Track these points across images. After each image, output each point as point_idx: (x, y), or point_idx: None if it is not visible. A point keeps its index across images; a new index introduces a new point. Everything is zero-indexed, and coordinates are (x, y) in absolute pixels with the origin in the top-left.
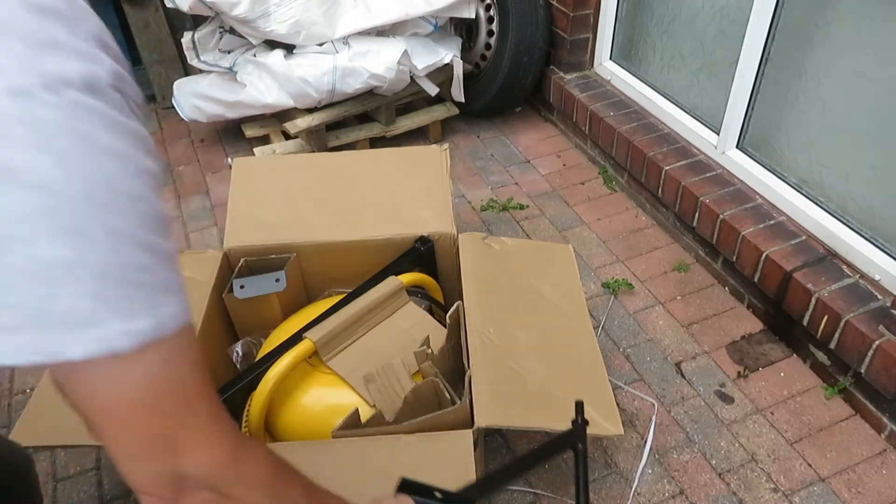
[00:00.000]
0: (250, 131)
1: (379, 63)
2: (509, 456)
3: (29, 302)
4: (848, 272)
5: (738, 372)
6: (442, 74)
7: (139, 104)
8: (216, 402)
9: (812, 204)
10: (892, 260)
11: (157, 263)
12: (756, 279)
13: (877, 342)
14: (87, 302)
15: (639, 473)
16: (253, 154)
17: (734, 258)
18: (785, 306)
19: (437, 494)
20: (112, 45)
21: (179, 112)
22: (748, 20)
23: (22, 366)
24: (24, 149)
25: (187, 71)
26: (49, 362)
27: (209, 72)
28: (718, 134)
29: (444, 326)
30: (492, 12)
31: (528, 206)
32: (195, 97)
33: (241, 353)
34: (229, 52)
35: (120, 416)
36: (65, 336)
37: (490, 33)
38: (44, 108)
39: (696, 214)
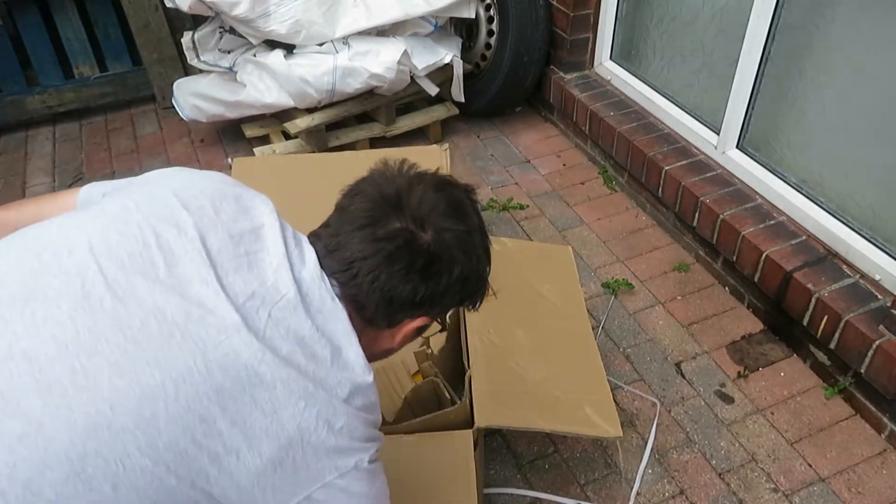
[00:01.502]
0: (250, 131)
1: (379, 63)
2: (509, 455)
3: None
4: (848, 272)
5: (739, 372)
6: (442, 74)
7: None
8: None
9: (812, 204)
10: (892, 260)
11: None
12: (756, 279)
13: (877, 342)
14: None
15: (640, 473)
16: (253, 154)
17: (734, 258)
18: (785, 306)
19: None
20: None
21: (179, 112)
22: (748, 20)
23: None
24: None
25: (187, 71)
26: None
27: (209, 72)
28: (718, 134)
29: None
30: (492, 12)
31: (528, 206)
32: (195, 97)
33: None
34: (229, 52)
35: None
36: None
37: (490, 33)
38: (378, 461)
39: (696, 214)
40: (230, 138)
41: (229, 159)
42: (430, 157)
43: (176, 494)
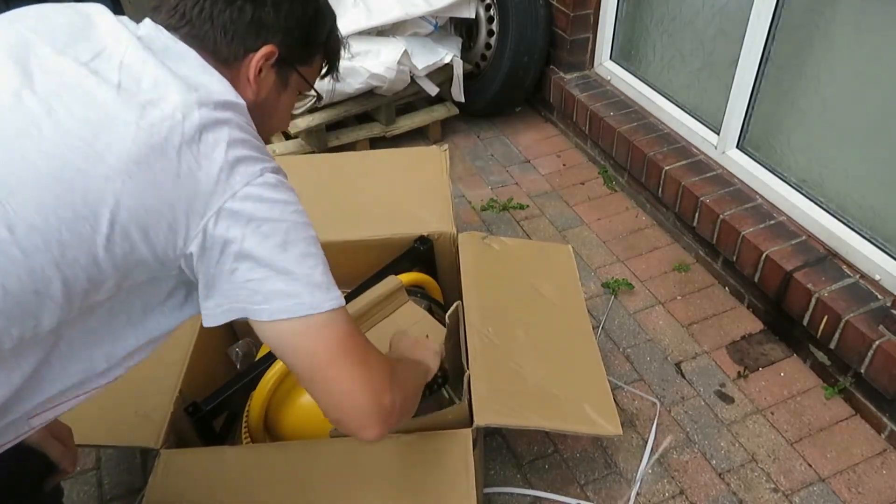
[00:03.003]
0: None
1: (379, 63)
2: (509, 455)
3: (302, 276)
4: (848, 272)
5: (738, 372)
6: (442, 74)
7: None
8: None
9: (812, 204)
10: (892, 260)
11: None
12: (756, 279)
13: (877, 342)
14: (325, 277)
15: (640, 474)
16: None
17: (734, 258)
18: (785, 306)
19: None
20: None
21: None
22: (748, 20)
23: (277, 319)
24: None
25: None
26: (303, 315)
27: None
28: (718, 134)
29: (444, 326)
30: (492, 12)
31: (528, 206)
32: None
33: (240, 353)
34: None
35: (333, 355)
36: (322, 297)
37: (490, 33)
38: (285, 177)
39: (696, 214)
40: None
41: None
42: (430, 157)
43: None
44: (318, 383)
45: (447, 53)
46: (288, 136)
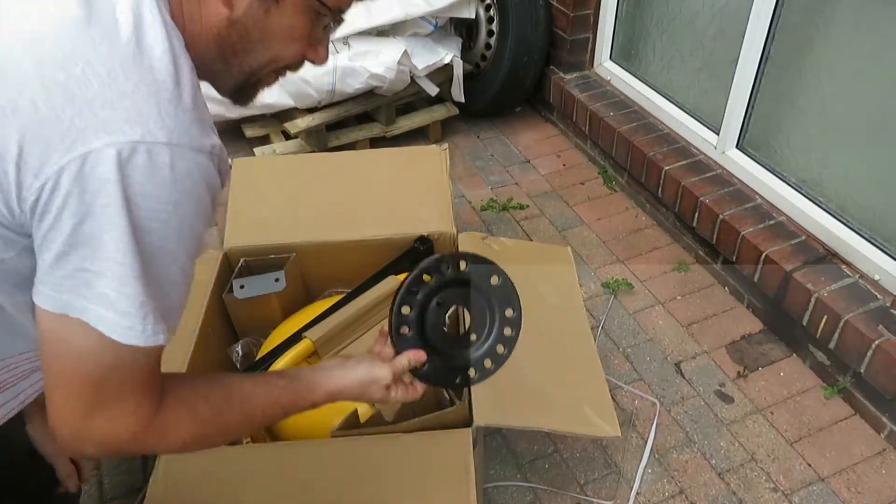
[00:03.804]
0: (250, 131)
1: (379, 63)
2: (509, 455)
3: (147, 294)
4: (848, 272)
5: (738, 372)
6: (442, 74)
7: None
8: (150, 392)
9: (812, 204)
10: (892, 260)
11: (185, 288)
12: (756, 279)
13: (876, 342)
14: (175, 304)
15: (640, 473)
16: (253, 154)
17: (734, 258)
18: (785, 306)
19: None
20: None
21: None
22: (748, 20)
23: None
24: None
25: None
26: (122, 342)
27: None
28: (718, 134)
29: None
30: (492, 12)
31: (528, 205)
32: None
33: (241, 353)
34: None
35: (80, 367)
36: (154, 327)
37: (490, 33)
38: (189, 160)
39: (696, 214)
40: (230, 138)
41: (229, 159)
42: (430, 157)
43: None
44: (59, 390)
45: (447, 53)
46: (288, 136)
